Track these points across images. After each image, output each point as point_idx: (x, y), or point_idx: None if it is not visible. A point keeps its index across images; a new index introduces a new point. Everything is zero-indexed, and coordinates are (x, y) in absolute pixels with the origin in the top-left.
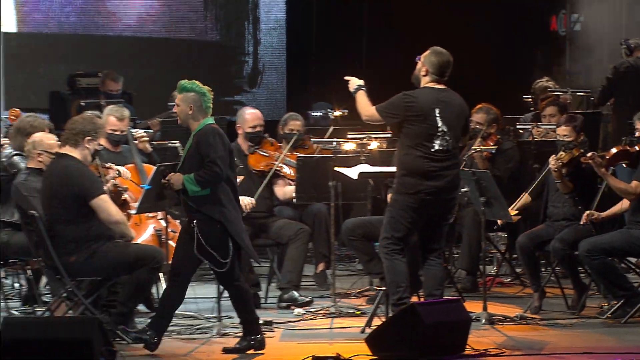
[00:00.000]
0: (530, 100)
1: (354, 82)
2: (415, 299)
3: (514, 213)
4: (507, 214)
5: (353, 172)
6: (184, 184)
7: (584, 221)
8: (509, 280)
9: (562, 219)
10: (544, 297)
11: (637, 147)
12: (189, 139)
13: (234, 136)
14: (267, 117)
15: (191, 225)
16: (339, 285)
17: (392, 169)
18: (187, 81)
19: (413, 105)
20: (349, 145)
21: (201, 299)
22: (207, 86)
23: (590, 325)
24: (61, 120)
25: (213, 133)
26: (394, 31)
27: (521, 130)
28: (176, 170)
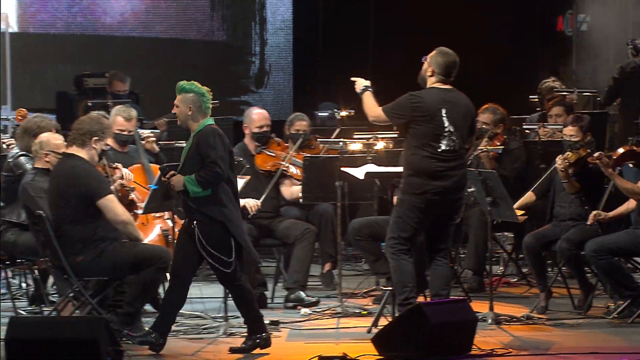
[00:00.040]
0: (537, 100)
1: (361, 83)
2: (422, 299)
3: (520, 213)
4: (514, 214)
5: (359, 172)
6: (185, 185)
7: (591, 221)
8: (516, 280)
9: (569, 219)
10: (551, 297)
11: None
12: (189, 140)
13: (241, 136)
14: (274, 117)
15: (191, 225)
16: (346, 285)
17: (399, 169)
18: (186, 82)
19: (419, 106)
20: (356, 146)
21: (208, 299)
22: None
23: (597, 325)
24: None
25: (213, 133)
26: (401, 31)
27: (527, 131)
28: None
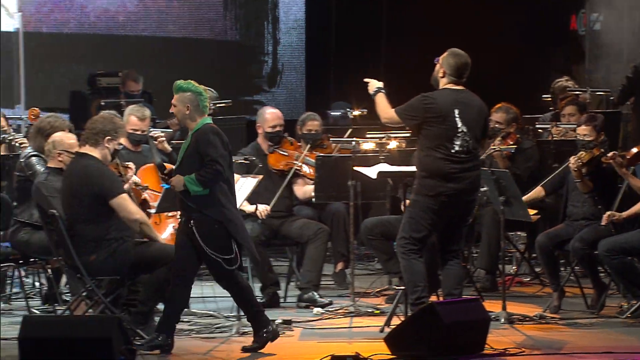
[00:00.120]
0: (550, 99)
1: (373, 85)
2: (435, 298)
3: (533, 212)
4: (527, 214)
5: (372, 172)
6: (185, 184)
7: (605, 222)
8: (528, 279)
9: (582, 219)
10: (564, 297)
11: None
12: (186, 139)
13: (254, 136)
14: (286, 117)
15: (189, 225)
16: (358, 285)
17: (411, 169)
18: (183, 81)
19: (432, 107)
20: (368, 145)
21: (220, 298)
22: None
23: (610, 324)
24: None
25: (212, 132)
26: (413, 30)
27: (540, 130)
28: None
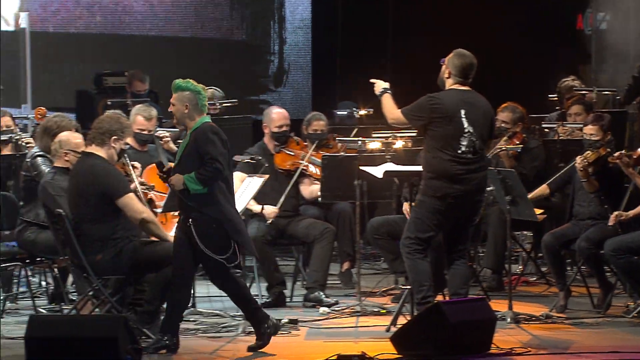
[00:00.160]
0: (556, 99)
1: (380, 85)
2: (441, 297)
3: (539, 212)
4: (533, 213)
5: (378, 171)
6: (185, 183)
7: (612, 222)
8: (535, 279)
9: (588, 218)
10: (570, 296)
11: None
12: (185, 137)
13: (260, 135)
14: (293, 116)
15: (187, 223)
16: (364, 284)
17: (418, 168)
18: (182, 80)
19: (438, 107)
20: (375, 144)
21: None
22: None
23: (616, 324)
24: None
25: (211, 130)
26: (420, 30)
27: (547, 129)
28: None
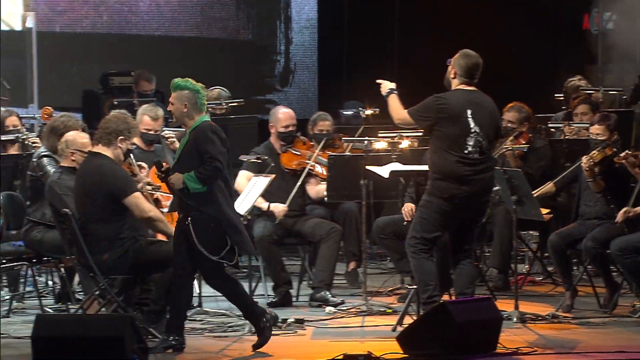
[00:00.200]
0: (562, 99)
1: (386, 86)
2: (447, 297)
3: (545, 211)
4: (539, 213)
5: (384, 171)
6: (185, 182)
7: (621, 218)
8: (541, 278)
9: (594, 218)
10: (576, 296)
11: None
12: (184, 136)
13: (266, 135)
14: (299, 116)
15: (185, 222)
16: (370, 284)
17: (424, 168)
18: (180, 79)
19: (445, 107)
20: (381, 144)
21: None
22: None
23: (623, 324)
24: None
25: (211, 129)
26: (426, 30)
27: (553, 129)
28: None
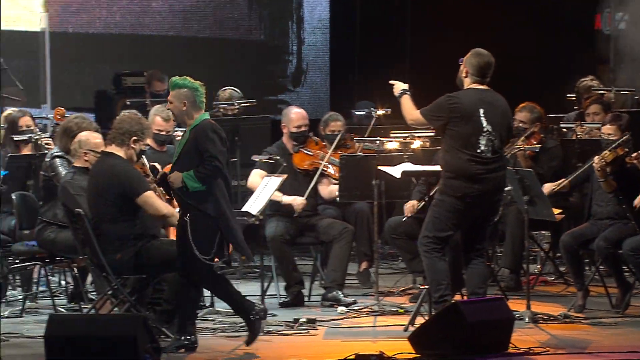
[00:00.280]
0: (574, 99)
1: (399, 87)
2: (459, 297)
3: (557, 212)
4: (551, 213)
5: (396, 171)
6: (184, 181)
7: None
8: (553, 278)
9: (606, 218)
10: (588, 296)
11: None
12: (183, 135)
13: (278, 135)
14: (311, 116)
15: (184, 218)
16: (382, 284)
17: (435, 168)
18: (179, 77)
19: (457, 107)
20: (392, 144)
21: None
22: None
23: (635, 324)
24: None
25: (211, 128)
26: (438, 29)
27: (565, 129)
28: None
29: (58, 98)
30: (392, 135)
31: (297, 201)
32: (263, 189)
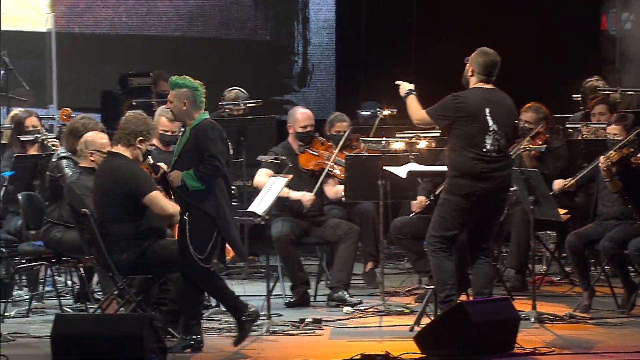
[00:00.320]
0: (580, 99)
1: (405, 87)
2: (464, 297)
3: (563, 212)
4: (556, 213)
5: (402, 171)
6: (184, 180)
7: None
8: (558, 279)
9: (612, 218)
10: (594, 296)
11: None
12: (183, 134)
13: (284, 135)
14: (317, 117)
15: (184, 216)
16: (388, 284)
17: (441, 168)
18: (178, 77)
19: (463, 106)
20: (398, 144)
21: (251, 297)
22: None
23: None
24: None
25: (212, 127)
26: (444, 30)
27: (571, 129)
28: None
29: (64, 98)
30: (398, 135)
31: (306, 197)
32: (269, 190)
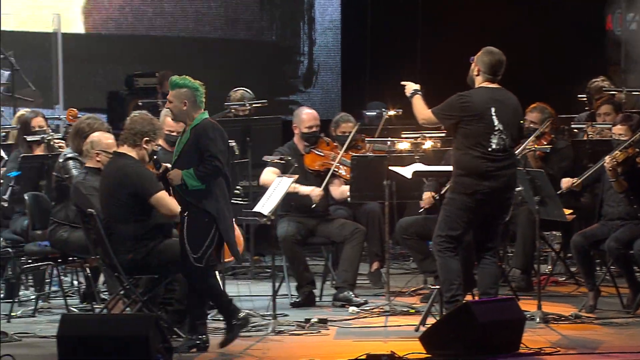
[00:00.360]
0: (585, 99)
1: (410, 87)
2: (470, 297)
3: (568, 212)
4: (562, 213)
5: (407, 171)
6: (184, 179)
7: None
8: (564, 279)
9: (617, 218)
10: (599, 296)
11: None
12: (184, 134)
13: (289, 136)
14: (322, 117)
15: (183, 215)
16: (393, 284)
17: (446, 168)
18: (178, 77)
19: (468, 106)
20: (403, 145)
21: (256, 297)
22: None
23: None
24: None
25: (212, 127)
26: (449, 30)
27: (576, 130)
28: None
29: (70, 99)
30: (403, 135)
31: (315, 192)
32: (275, 190)
